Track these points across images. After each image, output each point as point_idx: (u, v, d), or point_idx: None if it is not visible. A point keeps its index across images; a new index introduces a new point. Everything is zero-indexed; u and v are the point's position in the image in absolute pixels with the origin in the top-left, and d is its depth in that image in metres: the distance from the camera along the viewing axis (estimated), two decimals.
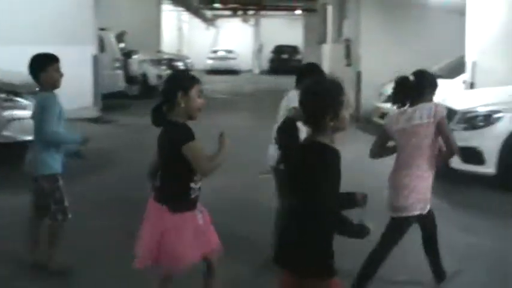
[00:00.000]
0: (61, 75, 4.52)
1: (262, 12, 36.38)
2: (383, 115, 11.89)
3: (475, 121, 7.81)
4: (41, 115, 4.43)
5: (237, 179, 8.15)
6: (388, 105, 11.99)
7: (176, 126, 3.37)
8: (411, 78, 4.33)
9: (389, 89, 12.48)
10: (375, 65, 14.17)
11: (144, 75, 19.47)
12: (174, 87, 3.39)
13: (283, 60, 35.06)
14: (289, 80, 5.78)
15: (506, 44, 10.60)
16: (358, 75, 14.71)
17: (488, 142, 7.63)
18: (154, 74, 19.93)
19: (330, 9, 19.63)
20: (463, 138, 7.79)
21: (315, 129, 2.82)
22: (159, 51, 24.58)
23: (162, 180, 3.47)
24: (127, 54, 18.77)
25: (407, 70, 4.54)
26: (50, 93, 4.52)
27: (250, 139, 10.38)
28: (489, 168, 7.64)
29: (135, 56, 18.86)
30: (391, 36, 14.37)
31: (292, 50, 34.89)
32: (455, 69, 11.61)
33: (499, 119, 7.66)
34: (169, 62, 23.30)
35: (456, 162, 7.79)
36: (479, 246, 5.69)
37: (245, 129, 11.86)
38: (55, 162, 4.54)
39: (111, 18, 18.03)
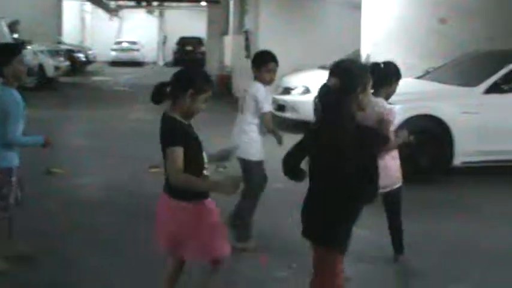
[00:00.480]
0: (25, 67, 4.34)
1: (167, 4, 35.82)
2: (281, 107, 11.96)
3: None
4: (5, 116, 4.17)
5: (126, 172, 8.01)
6: (286, 97, 12.14)
7: (172, 125, 3.29)
8: (381, 65, 4.72)
9: (287, 81, 12.69)
10: None
11: (41, 66, 18.69)
12: (187, 83, 3.29)
13: (187, 52, 34.74)
14: None
15: (399, 36, 10.92)
16: None
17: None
18: (52, 65, 19.24)
19: (231, 0, 19.58)
20: None
21: None
22: (59, 42, 23.74)
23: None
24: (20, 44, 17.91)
25: (306, 63, 4.77)
26: (14, 90, 4.26)
27: (149, 133, 10.14)
28: None
29: (29, 47, 18.05)
30: (290, 28, 14.48)
31: (197, 41, 34.59)
32: None
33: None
34: (69, 53, 22.58)
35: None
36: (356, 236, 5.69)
37: (145, 122, 11.57)
38: (13, 155, 4.33)
39: (4, 7, 17.18)
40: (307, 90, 11.57)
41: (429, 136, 7.78)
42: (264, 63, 5.04)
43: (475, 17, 11.11)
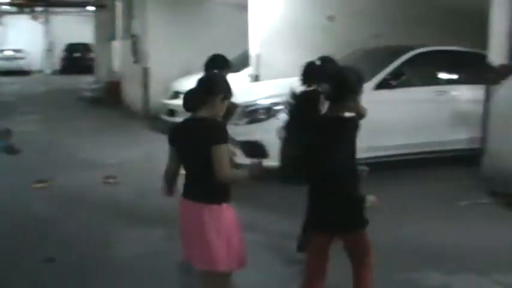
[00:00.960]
0: None
1: (52, 9, 34.30)
2: (171, 112, 11.56)
3: (256, 114, 7.68)
4: None
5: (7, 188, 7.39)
6: (175, 101, 11.73)
7: (210, 124, 3.39)
8: (317, 62, 4.92)
9: (176, 85, 12.31)
10: (162, 61, 13.83)
11: None
12: (218, 89, 3.47)
13: (75, 58, 33.46)
14: (83, 79, 5.22)
15: (287, 35, 10.78)
16: (146, 72, 14.22)
17: (270, 135, 7.49)
18: None
19: (119, 4, 18.89)
20: (247, 132, 7.69)
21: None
22: None
23: (198, 178, 3.40)
24: None
25: (197, 66, 4.73)
26: None
27: (34, 145, 9.49)
28: (272, 161, 7.52)
29: None
30: (178, 32, 14.12)
31: (85, 48, 33.32)
32: (242, 62, 11.60)
33: (279, 111, 7.56)
34: None
35: (240, 158, 7.67)
36: (262, 242, 5.51)
37: (29, 135, 10.82)
38: None
39: None
40: None
41: None
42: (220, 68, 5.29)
43: (361, 14, 11.18)
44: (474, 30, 8.58)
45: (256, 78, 10.56)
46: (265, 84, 9.46)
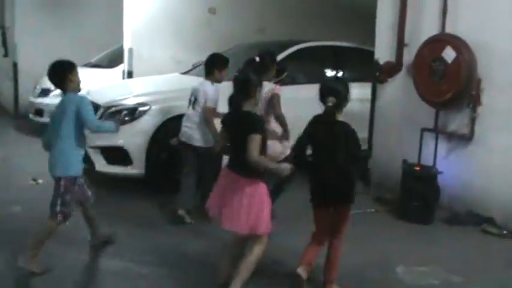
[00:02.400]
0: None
1: None
2: (39, 111, 10.43)
3: (119, 116, 6.74)
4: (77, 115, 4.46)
5: None
6: (44, 99, 10.57)
7: (253, 117, 4.03)
8: (257, 59, 5.45)
9: (44, 82, 11.10)
10: (33, 55, 12.46)
11: None
12: (255, 83, 4.09)
13: None
14: None
15: (166, 29, 9.93)
16: (15, 67, 12.87)
17: (135, 139, 6.64)
18: None
19: None
20: (108, 136, 6.76)
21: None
22: None
23: (241, 156, 3.88)
24: None
25: (73, 59, 4.75)
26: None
27: None
28: (137, 168, 6.67)
29: None
30: (49, 23, 12.83)
31: None
32: (117, 58, 10.62)
33: (145, 112, 6.71)
34: None
35: (101, 165, 6.76)
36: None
37: None
38: (79, 164, 4.65)
39: None
40: None
41: None
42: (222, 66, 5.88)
43: (245, 8, 10.50)
44: (366, 27, 8.01)
45: (129, 74, 9.60)
46: (134, 82, 8.54)
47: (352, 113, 6.94)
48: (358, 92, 7.83)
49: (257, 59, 5.46)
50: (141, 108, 6.71)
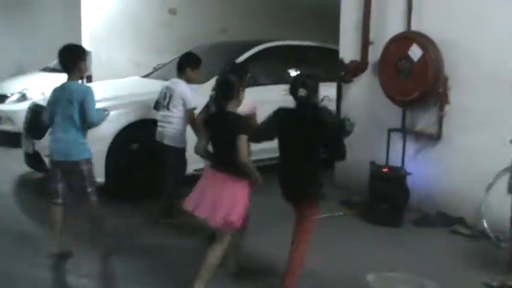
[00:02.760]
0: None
1: None
2: None
3: None
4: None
5: None
6: (6, 106, 10.15)
7: (237, 118, 4.15)
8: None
9: (2, 88, 10.70)
10: None
11: None
12: (238, 84, 4.17)
13: None
14: None
15: (125, 30, 9.65)
16: None
17: (93, 147, 6.29)
18: None
19: None
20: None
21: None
22: None
23: (227, 156, 4.01)
24: None
25: (30, 64, 4.90)
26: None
27: None
28: (96, 176, 6.36)
29: None
30: (7, 25, 12.40)
31: None
32: None
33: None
34: None
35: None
36: None
37: None
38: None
39: None
40: (23, 97, 9.73)
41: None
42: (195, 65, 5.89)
43: (207, 8, 10.27)
44: (329, 26, 7.85)
45: (88, 79, 9.26)
46: (93, 86, 8.15)
47: None
48: (324, 92, 7.76)
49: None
50: None
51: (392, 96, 6.31)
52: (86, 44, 9.35)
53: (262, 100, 6.64)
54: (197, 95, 5.78)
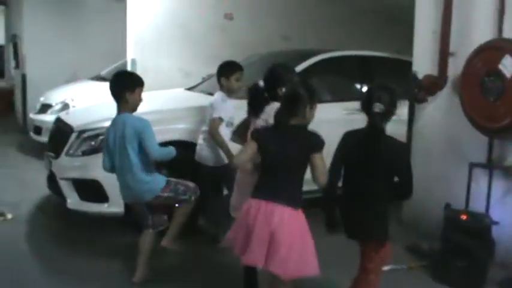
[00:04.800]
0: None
1: None
2: (37, 129, 9.38)
3: (95, 142, 5.56)
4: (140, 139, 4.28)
5: None
6: (42, 116, 9.52)
7: (308, 133, 3.51)
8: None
9: (47, 97, 10.12)
10: (42, 66, 11.60)
11: None
12: (305, 99, 3.48)
13: None
14: None
15: (174, 37, 8.76)
16: (23, 79, 11.91)
17: None
18: None
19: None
20: (81, 166, 5.60)
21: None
22: None
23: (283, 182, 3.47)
24: None
25: (83, 71, 4.12)
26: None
27: None
28: (115, 206, 5.44)
29: None
30: (60, 34, 11.89)
31: (1, 49, 30.51)
32: None
33: None
34: None
35: (73, 201, 5.59)
36: None
37: None
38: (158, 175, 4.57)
39: None
40: (65, 107, 9.00)
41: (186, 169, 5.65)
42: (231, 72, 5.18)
43: (266, 12, 9.23)
44: (403, 34, 6.61)
45: None
46: None
47: None
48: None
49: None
50: None
51: (477, 121, 4.99)
52: (130, 51, 8.51)
53: (319, 120, 5.57)
54: (234, 108, 5.15)
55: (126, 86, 4.33)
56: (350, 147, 3.60)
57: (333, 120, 6.18)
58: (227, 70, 5.21)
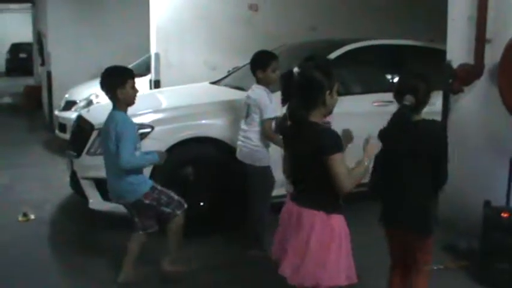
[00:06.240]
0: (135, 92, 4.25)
1: None
2: (62, 127, 9.27)
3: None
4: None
5: None
6: (67, 114, 9.41)
7: (324, 131, 3.08)
8: None
9: (73, 93, 10.01)
10: (67, 63, 11.55)
11: None
12: (324, 85, 3.08)
13: (21, 59, 30.79)
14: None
15: (198, 29, 8.55)
16: (49, 76, 11.84)
17: None
18: None
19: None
20: (102, 165, 5.42)
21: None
22: None
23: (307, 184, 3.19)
24: None
25: (106, 67, 4.27)
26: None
27: None
28: None
29: None
30: (83, 31, 11.78)
31: (31, 47, 30.73)
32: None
33: (145, 135, 5.31)
34: None
35: (95, 201, 5.46)
36: None
37: None
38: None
39: None
40: (89, 104, 8.85)
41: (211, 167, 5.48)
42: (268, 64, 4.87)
43: (293, 2, 8.96)
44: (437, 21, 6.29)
45: (156, 84, 8.25)
46: (147, 95, 7.03)
47: None
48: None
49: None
50: (140, 131, 5.25)
51: None
52: (153, 45, 8.33)
53: (349, 112, 5.32)
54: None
55: (114, 84, 4.18)
56: (387, 146, 3.33)
57: (363, 113, 5.96)
58: (262, 62, 4.92)
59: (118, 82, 4.17)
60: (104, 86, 4.26)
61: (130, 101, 4.25)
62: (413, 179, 3.36)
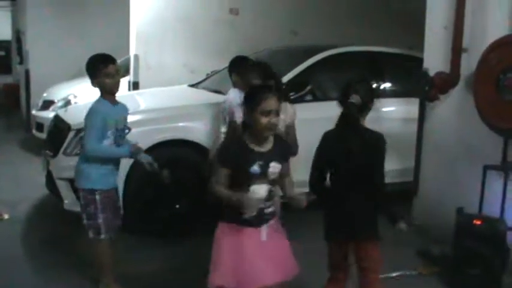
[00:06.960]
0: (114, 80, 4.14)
1: None
2: (39, 126, 9.19)
3: None
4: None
5: None
6: (44, 113, 9.34)
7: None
8: None
9: (50, 93, 9.94)
10: (46, 62, 11.38)
11: None
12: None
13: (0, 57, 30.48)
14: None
15: (178, 32, 8.53)
16: (27, 74, 11.73)
17: None
18: None
19: None
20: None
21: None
22: None
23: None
24: None
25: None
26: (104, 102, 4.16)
27: None
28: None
29: None
30: (64, 29, 11.64)
31: (9, 45, 30.40)
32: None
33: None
34: None
35: (70, 202, 5.42)
36: None
37: None
38: (100, 177, 4.11)
39: None
40: (67, 104, 8.79)
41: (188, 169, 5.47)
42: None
43: (274, 6, 9.00)
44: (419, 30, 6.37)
45: (135, 86, 8.22)
46: (124, 97, 7.02)
47: (396, 135, 5.43)
48: (403, 109, 6.30)
49: None
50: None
51: (491, 121, 4.78)
52: (132, 47, 8.31)
53: (327, 117, 5.33)
54: None
55: (91, 75, 4.16)
56: (331, 145, 3.45)
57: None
58: (238, 66, 4.93)
59: (93, 74, 4.14)
60: (88, 73, 4.21)
61: (110, 88, 4.12)
62: (357, 182, 3.36)
